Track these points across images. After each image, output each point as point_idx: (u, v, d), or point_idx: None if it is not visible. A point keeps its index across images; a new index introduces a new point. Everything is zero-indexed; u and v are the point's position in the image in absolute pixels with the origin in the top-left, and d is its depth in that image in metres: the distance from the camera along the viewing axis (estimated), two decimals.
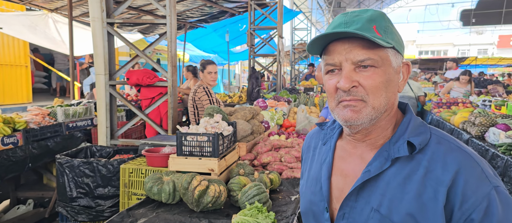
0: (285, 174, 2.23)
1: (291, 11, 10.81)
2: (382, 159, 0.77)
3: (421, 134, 0.77)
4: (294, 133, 3.20)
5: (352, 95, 0.75)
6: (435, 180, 0.71)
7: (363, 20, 0.74)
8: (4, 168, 3.14)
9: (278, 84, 7.31)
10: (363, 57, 0.73)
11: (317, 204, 0.86)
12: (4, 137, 3.23)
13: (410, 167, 0.75)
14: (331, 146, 0.89)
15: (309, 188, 0.91)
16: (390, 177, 0.75)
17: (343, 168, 0.84)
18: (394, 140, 0.78)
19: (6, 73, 8.00)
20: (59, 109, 4.00)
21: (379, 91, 0.75)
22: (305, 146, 1.01)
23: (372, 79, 0.74)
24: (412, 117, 0.81)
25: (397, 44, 0.77)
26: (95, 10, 3.08)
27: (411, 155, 0.75)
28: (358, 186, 0.78)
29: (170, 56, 3.13)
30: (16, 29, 6.21)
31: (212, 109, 2.44)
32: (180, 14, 7.43)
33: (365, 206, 0.77)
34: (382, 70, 0.74)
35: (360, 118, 0.76)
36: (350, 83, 0.74)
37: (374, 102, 0.75)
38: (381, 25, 0.75)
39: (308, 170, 0.95)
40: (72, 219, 2.55)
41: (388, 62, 0.76)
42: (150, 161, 2.33)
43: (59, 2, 6.01)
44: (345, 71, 0.75)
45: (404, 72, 0.81)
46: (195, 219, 1.71)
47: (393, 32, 0.77)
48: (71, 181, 2.54)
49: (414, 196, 0.72)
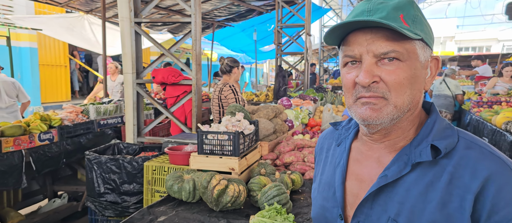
0: (308, 175, 2.15)
1: (320, 9, 10.57)
2: (401, 163, 0.69)
3: (447, 137, 0.69)
4: (319, 133, 3.10)
5: (372, 91, 0.67)
6: (462, 188, 0.63)
7: (388, 7, 0.66)
8: (41, 162, 3.32)
9: (304, 82, 7.18)
10: (387, 49, 0.65)
11: (330, 210, 0.79)
12: (41, 133, 3.41)
13: (433, 173, 0.67)
14: (346, 147, 0.81)
15: (321, 193, 0.84)
16: (411, 183, 0.68)
17: (358, 172, 0.77)
18: (415, 143, 0.70)
19: (47, 73, 8.52)
20: (91, 107, 4.16)
21: (402, 88, 0.66)
22: (318, 148, 0.94)
23: (395, 75, 0.66)
24: (438, 118, 0.72)
25: (427, 36, 0.69)
26: (124, 10, 3.15)
27: (435, 160, 0.67)
28: (373, 192, 0.71)
29: (194, 55, 3.14)
30: (55, 30, 6.58)
31: (234, 108, 2.40)
32: (208, 13, 7.51)
33: (382, 214, 0.70)
34: (407, 65, 0.66)
35: (380, 117, 0.68)
36: (370, 77, 0.66)
37: (397, 100, 0.67)
38: (409, 14, 0.67)
39: (320, 173, 0.88)
40: (99, 214, 2.63)
41: (415, 56, 0.67)
42: (172, 159, 2.34)
43: (93, 4, 6.29)
44: (365, 64, 0.67)
45: (433, 67, 0.72)
46: (214, 219, 1.68)
47: (422, 23, 0.69)
48: (99, 177, 2.62)
49: (438, 206, 0.64)
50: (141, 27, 3.28)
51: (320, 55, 14.52)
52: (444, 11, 33.37)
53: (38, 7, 7.95)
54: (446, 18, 29.81)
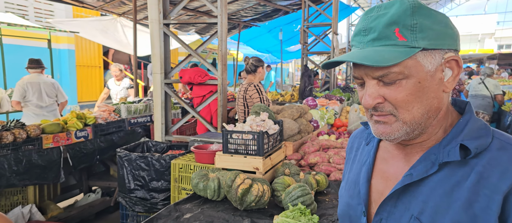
0: (333, 176, 2.12)
1: (348, 7, 10.35)
2: (428, 163, 0.68)
3: (480, 137, 0.66)
4: (345, 133, 3.04)
5: (379, 111, 0.68)
6: (490, 188, 0.61)
7: (381, 25, 0.65)
8: (77, 158, 3.51)
9: (331, 82, 7.06)
10: (382, 73, 0.65)
11: (355, 207, 0.80)
12: (77, 130, 3.61)
13: (462, 173, 0.65)
14: (374, 146, 0.82)
15: (347, 191, 0.85)
16: (436, 183, 0.67)
17: (384, 170, 0.77)
18: (445, 143, 0.68)
19: (83, 73, 8.99)
20: (123, 106, 4.34)
21: (409, 104, 0.66)
22: (349, 147, 0.95)
23: (397, 93, 0.65)
24: (471, 118, 0.70)
25: (433, 40, 0.65)
26: (153, 12, 3.26)
27: (464, 160, 0.65)
28: (398, 190, 0.70)
29: (220, 55, 3.19)
30: (90, 33, 6.93)
31: (259, 108, 2.41)
32: (234, 14, 7.58)
33: (405, 212, 0.69)
34: (408, 82, 0.65)
35: (392, 133, 0.68)
36: (373, 100, 0.67)
37: (405, 116, 0.67)
38: (405, 25, 0.64)
39: (348, 171, 0.89)
40: (130, 209, 2.74)
41: (417, 69, 0.65)
42: (198, 158, 2.40)
43: (126, 7, 6.55)
44: (367, 87, 0.68)
45: (454, 67, 0.68)
46: (238, 218, 1.70)
47: (424, 28, 0.64)
48: (129, 173, 2.73)
49: (463, 205, 0.63)
50: (170, 28, 3.37)
51: None
52: (483, 7, 31.40)
53: (76, 11, 8.41)
54: (485, 14, 28.11)
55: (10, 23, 5.14)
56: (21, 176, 2.98)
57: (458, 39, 0.69)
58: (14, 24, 5.25)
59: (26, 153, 3.05)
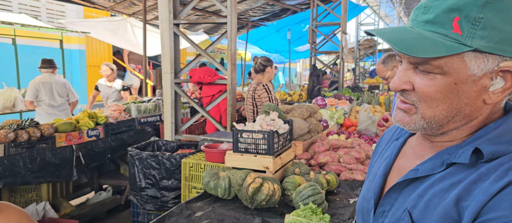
0: (343, 176, 2.12)
1: (357, 6, 10.28)
2: (437, 162, 0.65)
3: (503, 143, 0.60)
4: (355, 133, 3.03)
5: (403, 97, 0.65)
6: (482, 188, 0.57)
7: (441, 8, 0.57)
8: (89, 157, 3.57)
9: (340, 82, 7.03)
10: (419, 60, 0.60)
11: (368, 200, 0.78)
12: (89, 129, 3.66)
13: (466, 173, 0.61)
14: (400, 141, 0.80)
15: (366, 184, 0.85)
16: (437, 179, 0.64)
17: (401, 165, 0.76)
18: (464, 144, 0.64)
19: (93, 73, 9.12)
20: (133, 106, 4.40)
21: (434, 102, 0.61)
22: (381, 139, 0.92)
23: (426, 87, 0.61)
24: (506, 122, 0.63)
25: (493, 43, 0.56)
26: (164, 12, 3.30)
27: (475, 163, 0.61)
28: (402, 184, 0.69)
29: (230, 55, 3.20)
30: (101, 33, 7.03)
31: (268, 107, 2.42)
32: (243, 14, 7.60)
33: (401, 205, 0.68)
34: (442, 78, 0.59)
35: (407, 125, 0.66)
36: (399, 84, 0.64)
37: (425, 112, 0.63)
38: (469, 16, 0.56)
39: (373, 165, 0.88)
40: (141, 207, 2.77)
41: (460, 69, 0.58)
42: (208, 156, 2.42)
43: (135, 7, 6.63)
44: (400, 69, 0.64)
45: (508, 79, 0.59)
46: (249, 216, 1.72)
47: (489, 26, 0.55)
48: (140, 172, 2.77)
49: (452, 202, 0.59)
50: (179, 28, 3.41)
51: (356, 54, 14.11)
52: None
53: (87, 11, 8.54)
54: None
55: (23, 24, 5.24)
56: (35, 174, 3.04)
57: None
58: (28, 25, 5.35)
59: (40, 151, 3.11)
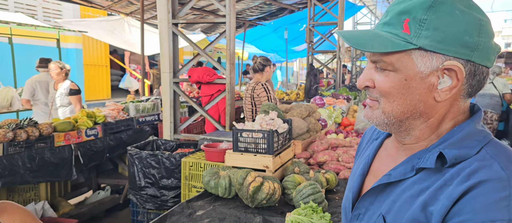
0: (342, 174, 2.15)
1: (353, 6, 10.34)
2: (408, 166, 0.69)
3: (465, 147, 0.63)
4: (353, 132, 3.06)
5: (369, 94, 0.72)
6: (446, 194, 0.60)
7: (395, 11, 0.65)
8: (87, 156, 3.57)
9: (337, 81, 7.07)
10: (375, 58, 0.67)
11: (349, 200, 0.82)
12: (87, 129, 3.66)
13: (434, 179, 0.64)
14: (378, 142, 0.83)
15: (349, 184, 0.88)
16: (408, 185, 0.67)
17: (377, 168, 0.79)
18: (431, 148, 0.67)
19: (90, 72, 9.08)
20: (131, 105, 4.39)
21: (390, 97, 0.67)
22: (362, 138, 0.96)
23: (382, 83, 0.67)
24: (469, 126, 0.66)
25: (436, 42, 0.61)
26: (162, 11, 3.30)
27: (441, 167, 0.64)
28: (377, 188, 0.72)
29: (228, 54, 3.22)
30: (98, 33, 7.01)
31: (268, 107, 2.44)
32: (240, 13, 7.61)
33: (377, 210, 0.71)
34: (395, 75, 0.65)
35: (372, 118, 0.71)
36: (363, 81, 0.71)
37: (385, 106, 0.68)
38: (416, 18, 0.62)
39: (356, 165, 0.91)
40: (140, 206, 2.78)
41: (408, 65, 0.64)
42: (208, 156, 2.43)
43: (133, 6, 6.61)
44: (365, 68, 0.71)
45: (453, 77, 0.63)
46: (249, 215, 1.74)
47: (433, 27, 0.61)
48: (140, 171, 2.78)
49: (420, 208, 0.63)
50: (178, 28, 3.41)
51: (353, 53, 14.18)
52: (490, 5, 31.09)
53: (83, 10, 8.51)
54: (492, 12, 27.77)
55: (20, 23, 5.21)
56: (34, 173, 3.04)
57: (477, 50, 0.61)
58: (25, 24, 5.32)
59: (38, 150, 3.11)
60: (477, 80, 0.65)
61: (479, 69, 0.64)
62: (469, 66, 0.63)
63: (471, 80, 0.65)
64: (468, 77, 0.64)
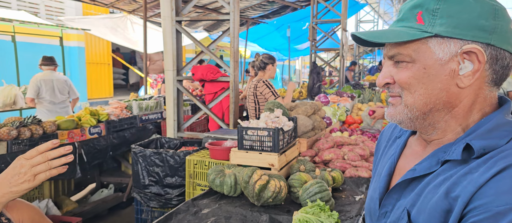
0: (348, 173, 2.13)
1: (357, 4, 10.27)
2: (433, 160, 0.67)
3: (493, 137, 0.61)
4: (357, 130, 3.04)
5: (390, 91, 0.72)
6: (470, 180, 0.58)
7: (407, 7, 0.67)
8: (90, 154, 3.56)
9: (340, 79, 7.04)
10: (393, 53, 0.68)
11: (375, 201, 0.80)
12: (91, 127, 3.65)
13: (458, 169, 0.63)
14: (402, 141, 0.81)
15: (373, 184, 0.86)
16: (433, 177, 0.66)
17: (402, 166, 0.78)
18: (457, 141, 0.65)
19: (93, 70, 9.09)
20: (134, 103, 4.39)
21: (411, 87, 0.67)
22: (381, 136, 0.94)
23: (401, 74, 0.68)
24: (497, 117, 0.64)
25: (452, 28, 0.61)
26: (166, 9, 3.28)
27: (468, 159, 0.62)
28: (402, 184, 0.71)
29: (232, 52, 3.20)
30: (100, 30, 7.00)
31: (273, 104, 2.42)
32: (243, 11, 7.58)
33: (402, 205, 0.70)
34: (413, 65, 0.66)
35: (396, 115, 0.71)
36: (382, 79, 0.71)
37: (406, 99, 0.68)
38: (429, 8, 0.63)
39: (378, 164, 0.90)
40: (144, 204, 2.77)
41: (426, 54, 0.65)
42: (212, 154, 2.41)
43: (136, 4, 6.60)
44: (383, 67, 0.72)
45: (474, 61, 0.62)
46: (256, 213, 1.72)
47: (446, 14, 0.62)
48: (143, 169, 2.77)
49: (443, 195, 0.61)
50: (181, 25, 3.39)
51: (356, 51, 14.13)
52: None
53: (86, 8, 8.50)
54: None
55: (23, 21, 5.21)
56: None
57: (495, 33, 0.61)
58: (28, 21, 5.32)
59: None
60: (500, 65, 0.64)
61: (501, 53, 0.63)
62: (490, 50, 0.62)
63: (494, 66, 0.64)
64: (491, 62, 0.63)
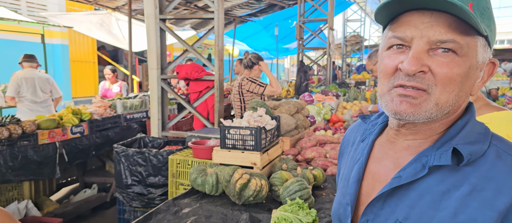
0: (330, 171, 2.15)
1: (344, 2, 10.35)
2: (418, 165, 0.63)
3: (475, 142, 0.61)
4: (341, 129, 3.07)
5: (415, 81, 0.59)
6: (483, 202, 0.56)
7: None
8: (72, 154, 3.49)
9: (327, 78, 7.09)
10: (447, 38, 0.56)
11: (344, 207, 0.76)
12: (73, 126, 3.58)
13: (453, 181, 0.60)
14: (368, 144, 0.76)
15: (340, 189, 0.82)
16: (426, 188, 0.62)
17: (375, 171, 0.73)
18: (439, 145, 0.63)
19: (77, 69, 8.90)
20: (119, 102, 4.32)
21: (452, 85, 0.58)
22: (344, 140, 0.89)
23: (449, 68, 0.57)
24: (471, 120, 0.64)
25: (492, 34, 0.61)
26: (149, 7, 3.24)
27: (457, 166, 0.60)
28: (386, 192, 0.66)
29: (217, 51, 3.18)
30: (84, 27, 6.85)
31: (256, 103, 2.43)
32: (230, 9, 7.56)
33: (390, 216, 0.65)
34: (463, 61, 0.58)
35: (417, 113, 0.60)
36: (418, 65, 0.57)
37: (441, 96, 0.59)
38: (479, 5, 0.57)
39: (343, 167, 0.85)
40: (127, 204, 2.74)
41: (473, 54, 0.59)
42: (195, 153, 2.40)
43: (120, 1, 6.48)
44: (415, 50, 0.58)
45: (487, 72, 0.63)
46: (236, 212, 1.72)
47: (490, 18, 0.59)
48: (126, 169, 2.73)
49: (449, 215, 0.58)
50: (166, 23, 3.36)
51: (343, 50, 14.26)
52: None
53: (69, 5, 8.31)
54: None
55: (2, 17, 5.06)
56: (16, 172, 2.96)
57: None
58: (7, 18, 5.17)
59: (21, 148, 3.02)
60: None
61: None
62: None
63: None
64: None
